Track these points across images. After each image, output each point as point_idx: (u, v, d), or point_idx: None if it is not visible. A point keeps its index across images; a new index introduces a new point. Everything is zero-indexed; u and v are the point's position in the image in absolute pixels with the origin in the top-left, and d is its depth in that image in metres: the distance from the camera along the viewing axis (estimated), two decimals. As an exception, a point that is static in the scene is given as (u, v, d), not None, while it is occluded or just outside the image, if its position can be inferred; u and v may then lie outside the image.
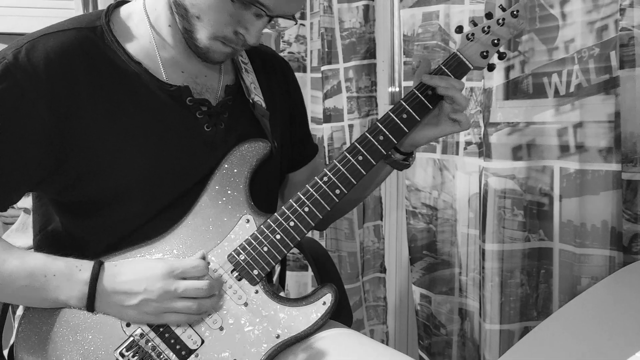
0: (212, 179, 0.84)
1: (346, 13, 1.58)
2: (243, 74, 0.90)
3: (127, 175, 0.79)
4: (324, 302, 0.83)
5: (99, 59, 0.80)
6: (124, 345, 0.77)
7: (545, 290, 1.23)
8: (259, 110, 0.89)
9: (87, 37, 0.80)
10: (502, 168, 1.21)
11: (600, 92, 1.10)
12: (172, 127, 0.82)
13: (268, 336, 0.81)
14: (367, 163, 0.84)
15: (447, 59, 0.88)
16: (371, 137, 0.85)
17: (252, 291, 0.82)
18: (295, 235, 0.82)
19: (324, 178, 0.84)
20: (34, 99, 0.75)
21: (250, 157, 0.85)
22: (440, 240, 1.42)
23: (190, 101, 0.83)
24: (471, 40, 0.88)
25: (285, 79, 1.02)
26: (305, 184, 1.08)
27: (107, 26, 0.82)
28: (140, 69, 0.81)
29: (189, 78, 0.85)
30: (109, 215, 0.81)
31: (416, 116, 0.86)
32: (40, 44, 0.77)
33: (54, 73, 0.76)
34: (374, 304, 1.70)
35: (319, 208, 0.83)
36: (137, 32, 0.83)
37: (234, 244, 0.82)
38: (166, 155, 0.81)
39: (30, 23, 0.85)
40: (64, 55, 0.77)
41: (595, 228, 1.12)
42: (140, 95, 0.81)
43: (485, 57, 0.88)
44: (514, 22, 0.88)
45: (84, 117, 0.77)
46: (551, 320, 0.78)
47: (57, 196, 0.83)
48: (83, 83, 0.78)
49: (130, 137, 0.79)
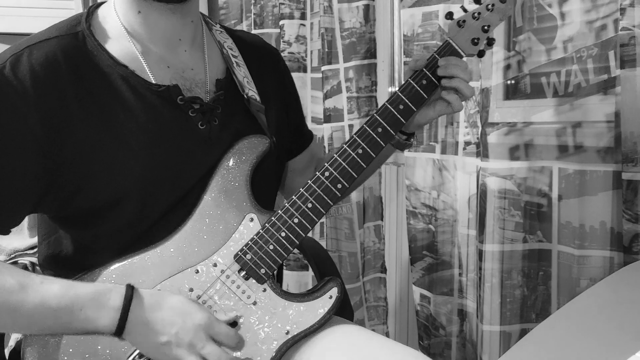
0: (213, 178, 0.83)
1: (346, 13, 1.58)
2: (235, 68, 0.89)
3: (124, 182, 0.78)
4: (330, 295, 0.84)
5: (85, 67, 0.78)
6: (136, 352, 0.77)
7: (544, 292, 1.22)
8: (254, 105, 0.88)
9: (70, 44, 0.78)
10: (500, 168, 1.21)
11: (599, 92, 1.09)
12: (165, 129, 0.81)
13: (278, 333, 0.81)
14: (367, 156, 0.85)
15: (440, 48, 0.88)
16: (370, 129, 0.85)
17: (260, 290, 0.82)
18: (300, 232, 0.83)
19: (326, 173, 0.84)
20: (25, 115, 0.73)
21: (250, 154, 0.85)
22: (440, 241, 1.42)
23: (181, 100, 0.82)
24: (462, 27, 0.88)
25: (277, 68, 1.01)
26: (304, 169, 1.07)
27: (88, 31, 0.80)
28: (126, 71, 0.80)
29: (176, 74, 0.84)
30: (110, 223, 0.80)
31: (412, 106, 0.86)
32: (24, 57, 0.75)
33: (42, 87, 0.74)
34: (374, 304, 1.70)
35: (322, 204, 0.83)
36: (114, 34, 0.82)
37: (240, 243, 0.82)
38: (161, 158, 0.80)
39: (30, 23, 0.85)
40: (49, 67, 0.75)
41: (594, 229, 1.11)
42: (129, 100, 0.79)
43: (476, 43, 0.88)
44: (503, 8, 0.89)
45: (76, 127, 0.76)
46: (550, 320, 0.77)
47: (58, 212, 0.81)
48: (71, 93, 0.76)
49: (124, 143, 0.78)
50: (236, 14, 1.98)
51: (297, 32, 1.72)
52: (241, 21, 1.96)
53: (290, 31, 1.71)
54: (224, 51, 0.90)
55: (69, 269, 0.80)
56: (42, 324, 0.73)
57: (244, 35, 1.00)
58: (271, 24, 1.81)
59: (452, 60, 0.86)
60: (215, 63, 0.89)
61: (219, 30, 0.94)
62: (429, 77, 0.87)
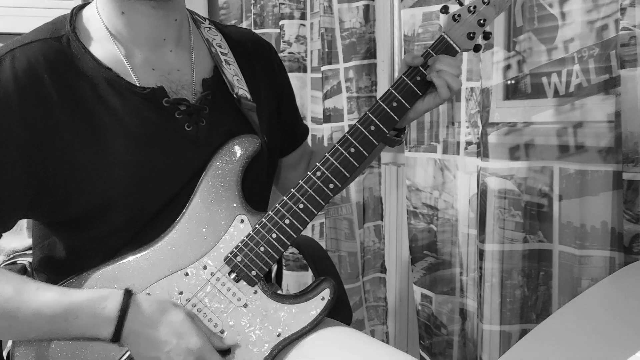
0: (203, 179, 0.82)
1: (346, 13, 1.58)
2: (224, 67, 0.87)
3: (112, 186, 0.77)
4: (323, 297, 0.82)
5: (68, 71, 0.76)
6: (126, 355, 0.76)
7: (545, 292, 1.22)
8: (245, 105, 0.86)
9: (53, 47, 0.76)
10: (500, 168, 1.21)
11: (600, 92, 1.09)
12: (151, 132, 0.79)
13: (270, 335, 0.81)
14: (359, 155, 0.83)
15: (434, 43, 0.87)
16: (362, 127, 0.83)
17: (251, 292, 0.81)
18: (292, 233, 0.81)
19: (317, 173, 0.82)
20: (9, 126, 0.72)
21: (241, 155, 0.83)
22: (441, 240, 1.42)
23: (166, 102, 0.80)
24: (457, 22, 0.86)
25: (269, 62, 0.98)
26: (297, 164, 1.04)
27: (73, 33, 0.78)
28: (110, 74, 0.78)
29: (162, 76, 0.82)
30: (100, 227, 0.79)
31: (406, 103, 0.85)
32: (6, 63, 0.74)
33: (25, 94, 0.73)
34: (374, 304, 1.70)
35: (314, 204, 0.82)
36: (98, 36, 0.80)
37: (230, 245, 0.81)
38: (148, 161, 0.79)
39: (30, 23, 0.84)
40: (32, 72, 0.74)
41: (595, 229, 1.11)
42: (114, 103, 0.78)
43: (471, 38, 0.86)
44: (500, 1, 0.86)
45: (60, 134, 0.75)
46: (551, 320, 0.77)
47: (50, 218, 0.81)
48: (55, 98, 0.75)
49: (109, 147, 0.77)
50: (236, 14, 1.98)
51: (297, 32, 1.72)
52: (241, 21, 1.96)
53: (290, 31, 1.71)
54: (212, 49, 0.88)
55: (62, 273, 0.79)
56: (39, 330, 0.73)
57: (234, 30, 0.98)
58: (271, 23, 1.81)
59: (440, 57, 0.84)
60: (203, 62, 0.87)
61: (208, 27, 0.91)
62: (422, 73, 0.85)
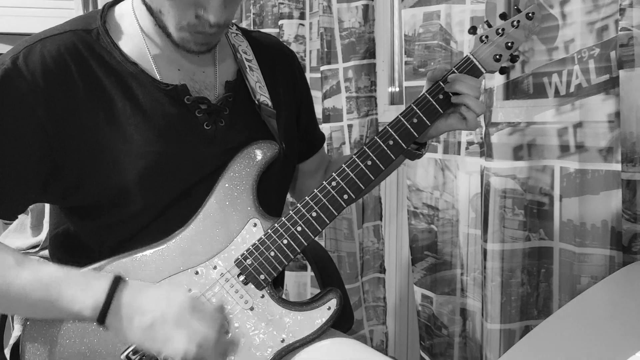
0: (219, 181, 0.83)
1: (345, 13, 1.58)
2: (247, 73, 0.89)
3: (127, 176, 0.79)
4: (329, 307, 0.83)
5: (96, 61, 0.80)
6: (130, 348, 0.77)
7: (546, 289, 1.23)
8: (265, 111, 0.88)
9: (83, 39, 0.80)
10: (503, 168, 1.21)
11: (600, 92, 1.10)
12: (170, 125, 0.82)
13: (273, 340, 0.81)
14: (375, 168, 0.84)
15: (459, 63, 0.86)
16: (381, 141, 0.84)
17: (259, 295, 0.82)
18: (303, 240, 0.82)
19: (332, 183, 0.83)
20: (32, 105, 0.75)
21: (259, 159, 0.85)
22: (442, 241, 1.42)
23: (188, 100, 0.83)
24: (485, 43, 0.85)
25: (291, 69, 1.00)
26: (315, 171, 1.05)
27: (102, 27, 0.82)
28: (136, 69, 0.81)
29: (186, 76, 0.85)
30: (112, 216, 0.81)
31: (427, 121, 0.85)
32: (37, 48, 0.77)
33: (51, 78, 0.76)
34: (373, 304, 1.70)
35: (327, 213, 0.83)
36: (129, 32, 0.83)
37: (241, 248, 0.82)
38: (164, 153, 0.81)
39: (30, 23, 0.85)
40: (61, 59, 0.78)
41: (595, 227, 1.12)
42: (137, 96, 0.80)
43: (498, 60, 0.86)
44: (530, 25, 0.85)
45: (82, 120, 0.78)
46: (552, 319, 0.78)
47: (62, 202, 0.83)
48: (80, 86, 0.78)
49: (129, 137, 0.79)
50: (236, 14, 1.98)
51: (296, 31, 1.72)
52: (241, 21, 1.96)
53: (290, 31, 1.71)
54: (238, 55, 0.90)
55: (76, 258, 0.81)
56: (32, 296, 0.73)
57: (260, 36, 1.00)
58: (270, 23, 1.81)
59: (460, 77, 0.84)
60: (227, 66, 0.90)
61: (235, 33, 0.94)
62: (445, 92, 0.85)
